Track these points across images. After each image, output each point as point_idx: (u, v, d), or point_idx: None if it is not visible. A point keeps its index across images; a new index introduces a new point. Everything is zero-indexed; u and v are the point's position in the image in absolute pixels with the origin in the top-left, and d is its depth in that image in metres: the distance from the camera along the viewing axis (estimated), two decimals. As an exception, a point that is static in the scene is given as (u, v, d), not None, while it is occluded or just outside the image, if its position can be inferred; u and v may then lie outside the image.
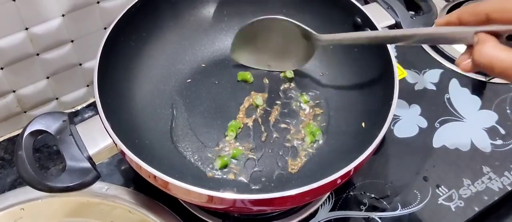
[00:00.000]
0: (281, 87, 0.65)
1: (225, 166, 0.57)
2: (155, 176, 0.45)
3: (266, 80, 0.66)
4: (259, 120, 0.62)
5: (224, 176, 0.57)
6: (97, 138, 0.49)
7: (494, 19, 0.42)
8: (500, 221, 0.66)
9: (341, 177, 0.46)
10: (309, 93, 0.65)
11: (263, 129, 0.61)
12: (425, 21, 0.64)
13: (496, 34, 0.42)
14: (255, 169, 0.57)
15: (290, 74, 0.66)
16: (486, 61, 0.41)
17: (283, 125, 0.61)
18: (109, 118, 0.49)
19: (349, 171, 0.46)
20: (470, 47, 0.44)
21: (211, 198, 0.45)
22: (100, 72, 0.52)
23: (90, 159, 0.47)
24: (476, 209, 0.62)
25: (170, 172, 0.45)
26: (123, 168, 0.65)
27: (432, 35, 0.48)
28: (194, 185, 0.44)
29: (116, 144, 0.47)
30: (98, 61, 0.53)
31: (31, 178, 0.45)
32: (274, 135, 0.60)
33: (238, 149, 0.59)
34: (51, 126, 0.49)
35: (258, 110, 0.63)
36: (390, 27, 0.62)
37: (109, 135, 0.48)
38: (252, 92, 0.64)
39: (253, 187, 0.55)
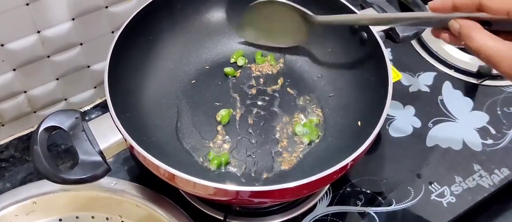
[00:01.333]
0: (280, 88, 0.68)
1: (219, 165, 0.59)
2: (162, 170, 0.48)
3: (263, 81, 0.68)
4: (258, 119, 0.64)
5: (226, 171, 0.59)
6: (107, 134, 0.51)
7: (486, 8, 0.45)
8: (492, 221, 0.68)
9: (337, 172, 0.48)
10: (307, 94, 0.67)
11: (262, 128, 0.63)
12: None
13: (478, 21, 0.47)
14: (255, 165, 0.59)
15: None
16: (475, 47, 0.45)
17: (281, 124, 0.63)
18: (119, 116, 0.51)
19: (345, 166, 0.49)
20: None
21: (215, 190, 0.47)
22: (110, 73, 0.55)
23: (101, 153, 0.49)
24: (467, 205, 0.64)
25: (176, 166, 0.48)
26: (127, 167, 0.66)
27: (419, 19, 0.54)
28: (198, 178, 0.47)
29: (125, 140, 0.50)
30: (108, 63, 0.55)
31: (47, 171, 0.47)
32: (273, 133, 0.62)
33: (225, 154, 0.60)
34: (65, 122, 0.51)
35: (257, 109, 0.65)
36: (385, 31, 0.64)
37: (120, 131, 0.50)
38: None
39: (254, 182, 0.57)
